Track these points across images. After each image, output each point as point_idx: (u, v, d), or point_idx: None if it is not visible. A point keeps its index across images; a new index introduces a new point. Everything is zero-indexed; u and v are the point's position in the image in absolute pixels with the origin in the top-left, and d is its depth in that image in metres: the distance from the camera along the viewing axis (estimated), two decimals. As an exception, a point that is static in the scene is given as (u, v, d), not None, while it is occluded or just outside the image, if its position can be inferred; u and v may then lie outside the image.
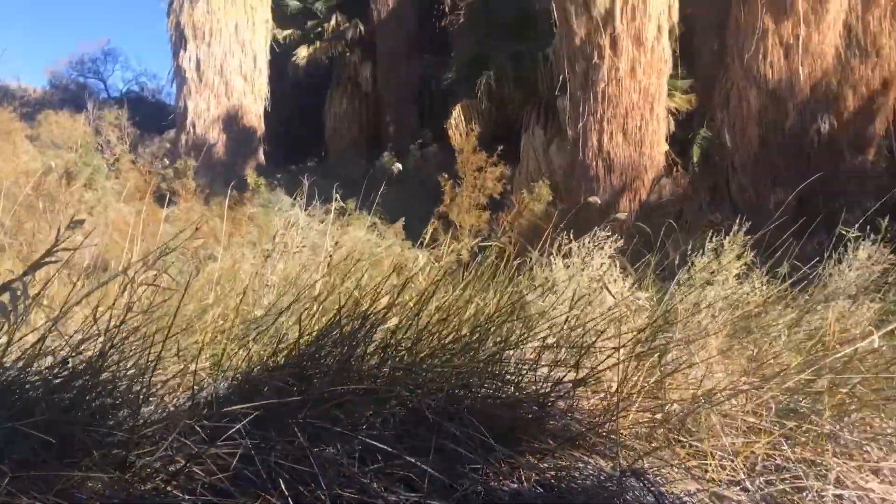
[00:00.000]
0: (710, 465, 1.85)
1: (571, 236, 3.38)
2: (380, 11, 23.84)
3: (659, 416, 1.98)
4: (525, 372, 2.01)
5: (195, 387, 1.80)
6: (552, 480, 1.70)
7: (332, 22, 24.33)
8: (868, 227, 3.26)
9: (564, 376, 1.98)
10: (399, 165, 14.13)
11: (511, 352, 2.05)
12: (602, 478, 1.71)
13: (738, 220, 3.22)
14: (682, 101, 15.10)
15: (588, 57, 12.32)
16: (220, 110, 22.81)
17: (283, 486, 1.44)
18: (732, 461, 1.87)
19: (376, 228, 6.65)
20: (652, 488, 1.65)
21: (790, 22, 12.38)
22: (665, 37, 12.36)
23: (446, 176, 11.48)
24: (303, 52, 24.07)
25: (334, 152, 24.88)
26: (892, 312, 3.18)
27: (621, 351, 2.05)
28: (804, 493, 1.79)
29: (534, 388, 1.96)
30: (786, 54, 12.50)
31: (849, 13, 12.70)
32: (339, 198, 3.18)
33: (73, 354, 1.63)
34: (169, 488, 1.41)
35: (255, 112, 23.37)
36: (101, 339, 1.65)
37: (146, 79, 53.10)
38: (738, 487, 1.80)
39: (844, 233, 3.20)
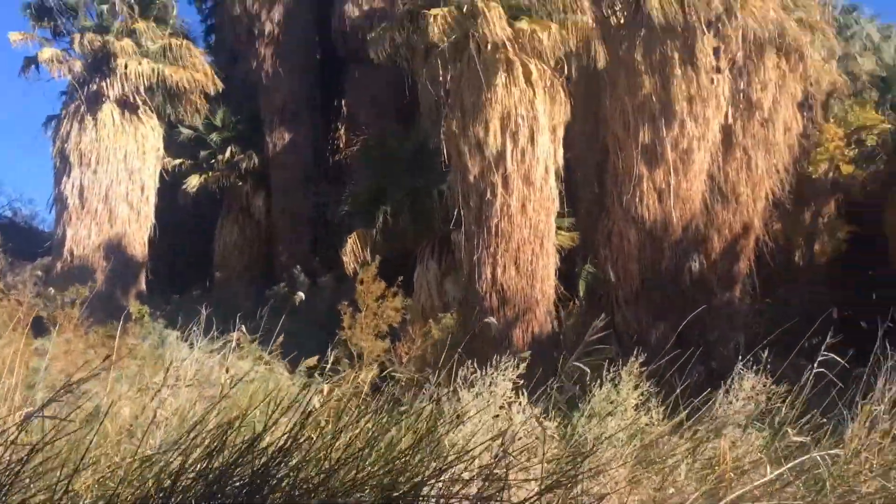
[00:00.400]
0: None
1: (475, 366, 3.42)
2: (275, 144, 24.21)
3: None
4: (441, 508, 1.96)
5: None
6: None
7: (227, 153, 24.40)
8: (751, 360, 3.47)
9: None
10: (302, 295, 13.91)
11: (427, 488, 2.00)
12: None
13: (634, 353, 3.37)
14: (566, 238, 15.90)
15: (482, 193, 12.90)
16: (103, 238, 21.95)
17: None
18: None
19: (270, 361, 6.46)
20: None
21: (662, 169, 13.54)
22: (552, 177, 13.17)
23: (346, 303, 11.43)
24: (194, 181, 23.84)
25: (222, 281, 24.26)
26: (775, 438, 3.34)
27: (536, 482, 2.04)
28: None
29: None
30: (659, 198, 13.57)
31: (711, 164, 14.07)
32: (242, 329, 3.10)
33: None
34: None
35: (139, 240, 22.62)
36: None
37: (20, 204, 50.66)
38: None
39: (731, 365, 3.39)
